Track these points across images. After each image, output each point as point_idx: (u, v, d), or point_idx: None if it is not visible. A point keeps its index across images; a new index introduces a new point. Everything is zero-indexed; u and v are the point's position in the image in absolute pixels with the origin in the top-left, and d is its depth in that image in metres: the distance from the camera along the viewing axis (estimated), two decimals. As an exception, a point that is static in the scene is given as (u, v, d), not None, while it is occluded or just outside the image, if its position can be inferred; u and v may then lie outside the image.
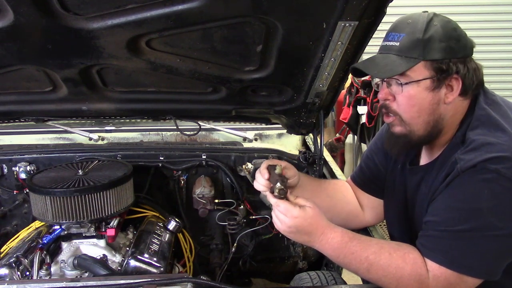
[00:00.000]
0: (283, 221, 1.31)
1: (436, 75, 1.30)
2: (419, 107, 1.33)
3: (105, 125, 2.81)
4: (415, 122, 1.36)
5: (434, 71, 1.30)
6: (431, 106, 1.33)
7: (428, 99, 1.33)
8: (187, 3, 1.29)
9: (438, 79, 1.31)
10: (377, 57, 1.38)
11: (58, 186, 1.78)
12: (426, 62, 1.30)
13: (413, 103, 1.33)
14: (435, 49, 1.29)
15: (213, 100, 2.01)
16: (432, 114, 1.34)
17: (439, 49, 1.29)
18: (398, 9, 4.41)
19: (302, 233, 1.32)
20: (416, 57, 1.30)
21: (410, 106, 1.34)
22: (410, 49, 1.30)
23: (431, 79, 1.31)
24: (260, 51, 1.57)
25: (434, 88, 1.32)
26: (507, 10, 6.70)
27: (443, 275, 1.24)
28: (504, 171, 1.19)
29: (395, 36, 1.34)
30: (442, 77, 1.31)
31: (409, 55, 1.30)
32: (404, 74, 1.31)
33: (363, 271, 1.31)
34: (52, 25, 1.37)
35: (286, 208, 1.31)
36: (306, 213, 1.31)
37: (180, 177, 2.42)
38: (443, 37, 1.30)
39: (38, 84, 1.87)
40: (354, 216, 1.72)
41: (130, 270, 1.71)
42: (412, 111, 1.34)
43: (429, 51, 1.29)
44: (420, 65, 1.30)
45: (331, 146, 5.10)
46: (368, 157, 1.73)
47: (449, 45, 1.30)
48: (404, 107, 1.35)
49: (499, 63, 6.72)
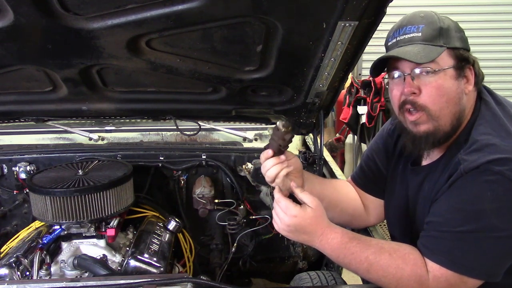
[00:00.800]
0: (282, 219, 1.31)
1: (457, 64, 1.32)
2: (447, 97, 1.32)
3: (105, 125, 2.81)
4: (443, 113, 1.32)
5: (456, 59, 1.32)
6: (457, 95, 1.33)
7: (454, 88, 1.32)
8: (187, 3, 1.29)
9: (459, 67, 1.32)
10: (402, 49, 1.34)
11: (58, 186, 1.78)
12: (449, 50, 1.31)
13: (442, 92, 1.31)
14: (455, 38, 1.32)
15: (213, 100, 2.01)
16: (458, 104, 1.33)
17: (457, 38, 1.32)
18: (398, 9, 4.41)
19: (300, 232, 1.32)
20: (441, 45, 1.30)
21: (439, 96, 1.31)
22: (434, 37, 1.31)
23: (454, 68, 1.32)
24: (260, 51, 1.57)
25: (457, 77, 1.32)
26: (507, 10, 6.70)
27: (443, 275, 1.23)
28: (508, 173, 1.19)
29: (413, 28, 1.33)
30: (462, 66, 1.33)
31: (435, 42, 1.31)
32: (433, 62, 1.30)
33: (362, 271, 1.31)
34: (52, 25, 1.37)
35: (287, 205, 1.30)
36: (306, 212, 1.30)
37: (180, 177, 2.42)
38: (457, 28, 1.34)
39: (38, 84, 1.87)
40: (358, 214, 1.72)
41: (130, 270, 1.71)
42: (441, 101, 1.32)
43: (451, 39, 1.31)
44: (445, 53, 1.31)
45: (331, 146, 5.10)
46: (369, 157, 1.73)
47: (462, 36, 1.34)
48: (433, 98, 1.32)
49: (499, 63, 6.72)
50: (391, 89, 1.42)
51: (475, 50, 1.38)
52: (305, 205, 1.32)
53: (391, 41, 1.39)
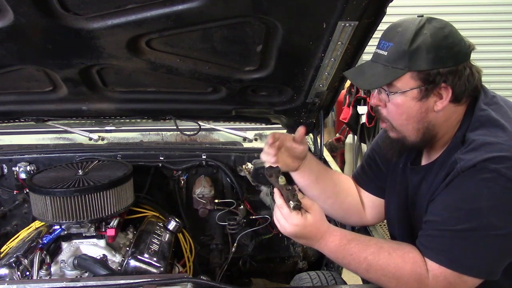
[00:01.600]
0: (283, 226, 1.31)
1: (423, 85, 1.30)
2: (407, 115, 1.34)
3: (105, 125, 2.81)
4: (405, 129, 1.37)
5: (421, 81, 1.29)
6: (419, 114, 1.34)
7: (416, 108, 1.33)
8: (187, 3, 1.29)
9: (426, 88, 1.30)
10: (366, 66, 1.38)
11: (58, 186, 1.78)
12: (412, 72, 1.29)
13: (401, 111, 1.34)
14: (422, 60, 1.27)
15: (213, 100, 2.01)
16: (421, 121, 1.35)
17: (426, 59, 1.27)
18: (398, 9, 4.41)
19: (300, 238, 1.33)
20: (402, 68, 1.29)
21: (398, 114, 1.35)
22: (396, 60, 1.29)
23: (418, 89, 1.30)
24: (260, 51, 1.57)
25: (421, 98, 1.31)
26: (507, 10, 6.70)
27: (442, 274, 1.24)
28: (504, 170, 1.19)
29: (385, 45, 1.33)
30: (430, 87, 1.30)
31: (396, 65, 1.29)
32: (391, 84, 1.31)
33: (362, 271, 1.31)
34: (52, 25, 1.37)
35: (288, 214, 1.30)
36: (307, 221, 1.30)
37: (180, 177, 2.42)
38: (431, 47, 1.27)
39: (38, 84, 1.87)
40: (354, 210, 1.72)
41: (130, 270, 1.71)
42: (401, 118, 1.36)
43: (415, 62, 1.28)
44: (406, 76, 1.29)
45: (331, 146, 5.10)
46: (370, 157, 1.73)
47: (438, 55, 1.28)
48: (393, 114, 1.37)
49: (499, 63, 6.72)
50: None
51: (475, 50, 1.37)
52: (305, 213, 1.31)
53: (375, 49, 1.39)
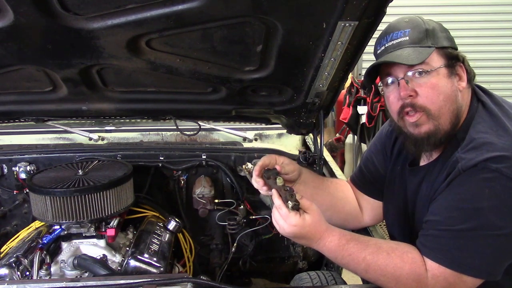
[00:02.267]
0: (282, 226, 1.31)
1: (448, 62, 1.34)
2: (444, 95, 1.33)
3: (105, 125, 2.81)
4: (442, 112, 1.34)
5: (446, 58, 1.35)
6: (453, 93, 1.35)
7: (449, 86, 1.34)
8: (187, 3, 1.29)
9: (450, 65, 1.35)
10: (392, 54, 1.36)
11: (58, 186, 1.78)
12: (438, 50, 1.34)
13: (438, 91, 1.33)
14: (442, 38, 1.35)
15: (213, 100, 2.01)
16: (455, 102, 1.35)
17: (444, 37, 1.35)
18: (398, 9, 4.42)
19: (299, 239, 1.33)
20: (430, 45, 1.33)
21: (436, 95, 1.33)
22: (422, 39, 1.34)
23: (445, 67, 1.34)
24: (260, 51, 1.56)
25: (450, 75, 1.35)
26: (507, 10, 6.69)
27: (442, 274, 1.24)
28: (505, 170, 1.19)
29: (400, 33, 1.36)
30: (452, 64, 1.35)
31: (423, 44, 1.34)
32: (424, 63, 1.32)
33: (361, 272, 1.31)
34: (52, 25, 1.37)
35: (286, 215, 1.29)
36: (305, 221, 1.29)
37: (180, 177, 2.42)
38: (442, 28, 1.37)
39: (38, 84, 1.87)
40: (353, 216, 1.72)
41: (130, 270, 1.71)
42: (439, 100, 1.33)
43: (438, 39, 1.34)
44: (434, 54, 1.33)
45: (331, 146, 5.10)
46: (368, 159, 1.73)
47: (448, 35, 1.37)
48: (431, 97, 1.33)
49: (499, 63, 6.71)
50: (387, 96, 1.44)
51: (475, 50, 1.40)
52: (303, 213, 1.31)
53: (379, 49, 1.41)
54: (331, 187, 1.75)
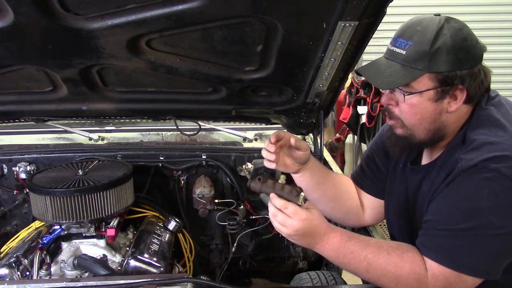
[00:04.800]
0: (290, 225, 1.28)
1: (440, 86, 1.29)
2: (421, 116, 1.33)
3: (105, 125, 2.81)
4: (416, 128, 1.36)
5: (438, 82, 1.29)
6: (433, 115, 1.33)
7: (431, 109, 1.32)
8: (187, 3, 1.29)
9: (442, 90, 1.29)
10: (382, 64, 1.36)
11: (58, 186, 1.78)
12: (431, 74, 1.28)
13: (415, 111, 1.33)
14: (442, 61, 1.26)
15: (213, 100, 2.01)
16: (434, 122, 1.34)
17: (445, 61, 1.26)
18: (398, 9, 4.41)
19: (307, 235, 1.30)
20: (421, 69, 1.28)
21: (412, 114, 1.34)
22: (416, 61, 1.28)
23: (435, 90, 1.30)
24: (260, 51, 1.56)
25: (437, 99, 1.31)
26: (507, 10, 6.70)
27: (442, 274, 1.24)
28: (505, 170, 1.19)
29: (402, 43, 1.31)
30: (446, 88, 1.29)
31: (414, 66, 1.28)
32: (408, 84, 1.30)
33: (362, 271, 1.31)
34: (52, 25, 1.37)
35: (295, 210, 1.28)
36: (313, 214, 1.29)
37: (180, 177, 2.42)
38: (451, 49, 1.26)
39: (38, 84, 1.87)
40: (354, 212, 1.72)
41: (130, 270, 1.71)
42: (414, 118, 1.35)
43: (435, 64, 1.27)
44: (424, 77, 1.29)
45: (331, 146, 5.10)
46: (369, 157, 1.73)
47: (457, 57, 1.27)
48: (406, 114, 1.35)
49: (499, 63, 6.71)
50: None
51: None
52: (309, 208, 1.31)
53: (389, 45, 1.39)
54: (336, 179, 1.75)
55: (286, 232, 1.30)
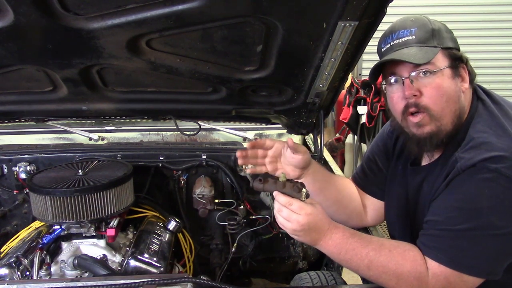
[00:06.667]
0: (295, 220, 1.27)
1: (452, 63, 1.35)
2: (447, 97, 1.34)
3: (105, 125, 2.81)
4: (445, 113, 1.34)
5: (451, 59, 1.35)
6: (456, 94, 1.35)
7: (453, 87, 1.35)
8: (187, 3, 1.29)
9: (454, 66, 1.35)
10: (398, 52, 1.35)
11: (58, 186, 1.78)
12: (443, 50, 1.34)
13: (442, 92, 1.33)
14: (447, 38, 1.36)
15: (213, 100, 2.01)
16: (457, 102, 1.36)
17: (448, 38, 1.36)
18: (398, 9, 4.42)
19: (312, 230, 1.29)
20: (435, 45, 1.33)
21: (439, 96, 1.33)
22: (428, 39, 1.34)
23: (450, 68, 1.35)
24: (260, 51, 1.56)
25: (454, 76, 1.35)
26: (507, 10, 6.70)
27: (442, 273, 1.24)
28: (504, 170, 1.19)
29: (406, 32, 1.36)
30: (456, 65, 1.35)
31: (429, 44, 1.34)
32: (430, 63, 1.33)
33: (363, 268, 1.31)
34: (52, 25, 1.37)
35: (300, 206, 1.27)
36: (318, 209, 1.30)
37: (180, 177, 2.42)
38: (447, 29, 1.37)
39: (38, 84, 1.87)
40: (356, 214, 1.72)
41: (130, 270, 1.71)
42: (442, 101, 1.34)
43: (443, 40, 1.35)
44: (440, 54, 1.34)
45: (331, 146, 5.10)
46: (370, 158, 1.73)
47: (452, 36, 1.37)
48: (434, 98, 1.34)
49: (499, 63, 6.72)
50: (391, 96, 1.42)
51: (475, 50, 1.41)
52: (314, 204, 1.31)
53: (384, 47, 1.40)
54: (338, 182, 1.74)
55: (292, 227, 1.29)
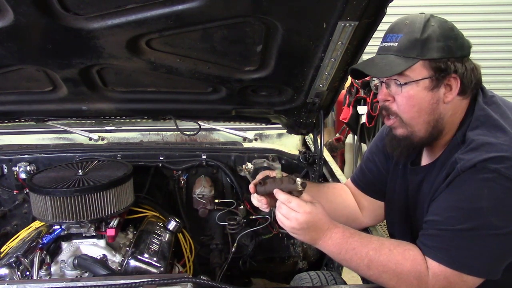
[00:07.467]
0: (294, 218, 1.29)
1: (434, 75, 1.31)
2: (419, 107, 1.34)
3: (105, 125, 2.81)
4: (415, 122, 1.36)
5: (432, 70, 1.31)
6: (430, 105, 1.34)
7: (428, 99, 1.33)
8: (187, 3, 1.29)
9: (436, 78, 1.31)
10: (376, 58, 1.39)
11: (58, 186, 1.78)
12: (424, 61, 1.30)
13: (412, 103, 1.34)
14: (433, 49, 1.30)
15: (213, 100, 2.01)
16: (432, 113, 1.34)
17: (437, 48, 1.30)
18: (398, 9, 4.40)
19: (311, 229, 1.30)
20: (414, 57, 1.30)
21: (410, 106, 1.34)
22: (409, 49, 1.31)
23: (430, 79, 1.31)
24: (260, 51, 1.56)
25: (433, 88, 1.32)
26: (507, 10, 6.71)
27: (442, 273, 1.24)
28: (504, 170, 1.20)
29: (393, 37, 1.35)
30: (440, 77, 1.31)
31: (408, 54, 1.31)
32: (403, 74, 1.31)
33: (363, 268, 1.31)
34: (52, 25, 1.37)
35: (299, 204, 1.29)
36: (317, 207, 1.30)
37: (180, 177, 2.42)
38: (441, 37, 1.31)
39: (38, 84, 1.87)
40: (352, 219, 1.72)
41: (130, 270, 1.71)
42: (412, 111, 1.35)
43: (427, 51, 1.30)
44: (418, 65, 1.31)
45: (331, 146, 5.10)
46: (369, 159, 1.73)
47: (447, 44, 1.31)
48: (404, 107, 1.35)
49: (499, 63, 6.72)
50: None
51: (475, 50, 1.38)
52: (313, 202, 1.31)
53: (380, 45, 1.41)
54: (328, 193, 1.75)
55: (290, 225, 1.30)
